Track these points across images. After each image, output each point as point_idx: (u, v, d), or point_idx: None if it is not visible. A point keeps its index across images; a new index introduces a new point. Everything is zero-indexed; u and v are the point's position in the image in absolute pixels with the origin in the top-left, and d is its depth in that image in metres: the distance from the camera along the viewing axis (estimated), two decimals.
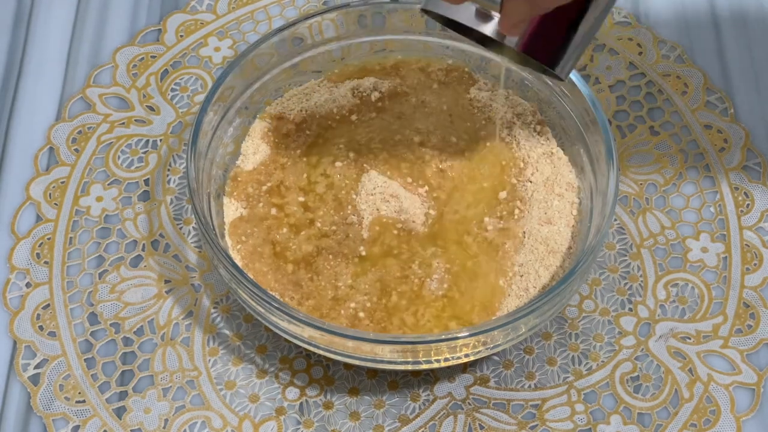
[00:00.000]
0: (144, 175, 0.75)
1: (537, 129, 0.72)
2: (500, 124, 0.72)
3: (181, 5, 0.82)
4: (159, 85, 0.78)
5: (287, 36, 0.71)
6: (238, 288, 0.63)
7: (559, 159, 0.71)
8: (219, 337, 0.69)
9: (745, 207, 0.74)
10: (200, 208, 0.64)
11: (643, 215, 0.73)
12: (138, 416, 0.66)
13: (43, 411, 0.66)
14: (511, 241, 0.67)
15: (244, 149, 0.71)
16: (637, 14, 0.82)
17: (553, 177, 0.70)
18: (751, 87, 0.79)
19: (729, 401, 0.66)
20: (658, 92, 0.78)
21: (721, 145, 0.76)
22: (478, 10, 0.57)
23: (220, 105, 0.69)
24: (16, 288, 0.70)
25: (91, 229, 0.72)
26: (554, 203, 0.69)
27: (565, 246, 0.67)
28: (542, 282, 0.66)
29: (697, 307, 0.70)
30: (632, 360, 0.68)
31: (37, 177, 0.74)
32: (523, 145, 0.71)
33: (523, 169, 0.70)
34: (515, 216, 0.68)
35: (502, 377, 0.67)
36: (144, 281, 0.70)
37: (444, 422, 0.66)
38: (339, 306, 0.65)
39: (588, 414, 0.66)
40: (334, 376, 0.67)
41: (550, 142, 0.71)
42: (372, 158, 0.70)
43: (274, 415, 0.66)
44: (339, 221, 0.68)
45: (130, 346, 0.68)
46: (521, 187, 0.70)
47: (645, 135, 0.77)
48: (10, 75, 0.79)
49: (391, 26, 0.73)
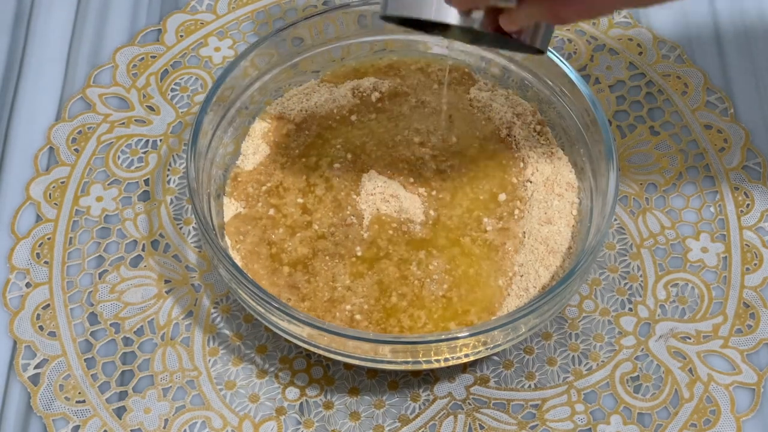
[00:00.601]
0: (144, 175, 0.75)
1: (537, 129, 0.72)
2: (500, 124, 0.72)
3: (181, 5, 0.82)
4: (159, 85, 0.78)
5: (287, 36, 0.71)
6: (238, 288, 0.63)
7: (559, 159, 0.71)
8: (219, 337, 0.69)
9: (745, 207, 0.74)
10: (200, 208, 0.64)
11: (643, 215, 0.73)
12: (138, 416, 0.66)
13: (43, 411, 0.66)
14: (510, 241, 0.67)
15: (244, 149, 0.71)
16: (637, 14, 0.82)
17: (553, 177, 0.70)
18: (751, 87, 0.79)
19: (729, 401, 0.66)
20: (658, 92, 0.78)
21: (721, 145, 0.76)
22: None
23: (220, 105, 0.69)
24: (16, 288, 0.70)
25: (91, 229, 0.72)
26: (554, 203, 0.69)
27: (565, 246, 0.67)
28: (542, 282, 0.66)
29: (697, 307, 0.70)
30: (632, 360, 0.68)
31: (37, 177, 0.74)
32: (523, 145, 0.71)
33: (522, 169, 0.70)
34: (515, 216, 0.68)
35: (502, 377, 0.67)
36: (144, 281, 0.70)
37: (444, 422, 0.66)
38: (335, 308, 0.65)
39: (588, 414, 0.66)
40: (334, 376, 0.67)
41: (550, 142, 0.71)
42: (372, 158, 0.70)
43: (274, 415, 0.66)
44: (338, 223, 0.68)
45: (130, 346, 0.68)
46: (521, 187, 0.70)
47: (645, 135, 0.77)
48: (10, 75, 0.79)
49: (391, 26, 0.73)
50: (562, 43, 0.81)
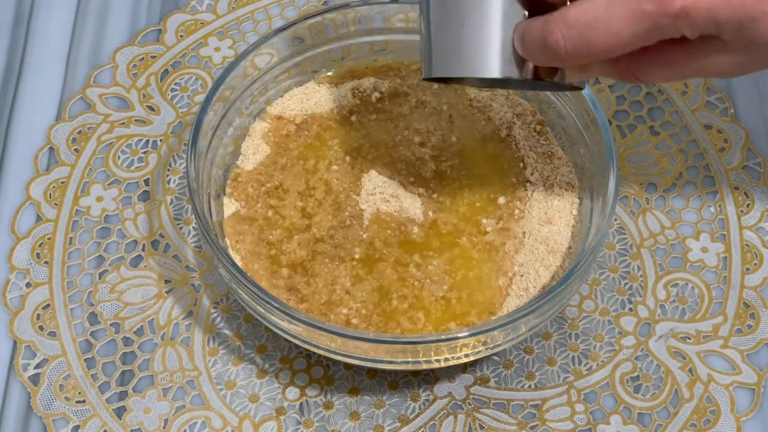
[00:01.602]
0: (144, 175, 0.75)
1: (537, 129, 0.72)
2: (500, 124, 0.72)
3: (181, 5, 0.82)
4: (159, 85, 0.78)
5: (287, 36, 0.71)
6: (238, 288, 0.63)
7: (559, 159, 0.71)
8: (219, 337, 0.69)
9: (745, 207, 0.74)
10: (200, 208, 0.64)
11: (643, 215, 0.73)
12: (138, 416, 0.66)
13: (43, 411, 0.66)
14: (511, 241, 0.67)
15: (244, 149, 0.71)
16: None
17: (553, 177, 0.70)
18: (751, 87, 0.79)
19: (729, 401, 0.66)
20: (658, 92, 0.78)
21: (721, 145, 0.76)
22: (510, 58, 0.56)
23: (220, 105, 0.69)
24: (16, 288, 0.70)
25: (91, 229, 0.72)
26: (554, 203, 0.69)
27: (565, 246, 0.67)
28: (542, 282, 0.66)
29: (697, 307, 0.70)
30: (632, 360, 0.68)
31: (37, 177, 0.74)
32: (523, 146, 0.71)
33: (522, 170, 0.70)
34: (515, 216, 0.68)
35: (502, 377, 0.67)
36: (144, 281, 0.70)
37: (444, 422, 0.66)
38: (333, 311, 0.65)
39: (588, 414, 0.66)
40: (334, 376, 0.67)
41: (550, 143, 0.71)
42: (372, 158, 0.70)
43: (274, 415, 0.66)
44: (338, 225, 0.68)
45: (130, 346, 0.68)
46: (521, 187, 0.70)
47: (645, 135, 0.77)
48: (11, 75, 0.79)
49: (391, 26, 0.73)
50: None
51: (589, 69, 0.57)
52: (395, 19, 0.73)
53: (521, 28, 0.56)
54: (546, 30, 0.54)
